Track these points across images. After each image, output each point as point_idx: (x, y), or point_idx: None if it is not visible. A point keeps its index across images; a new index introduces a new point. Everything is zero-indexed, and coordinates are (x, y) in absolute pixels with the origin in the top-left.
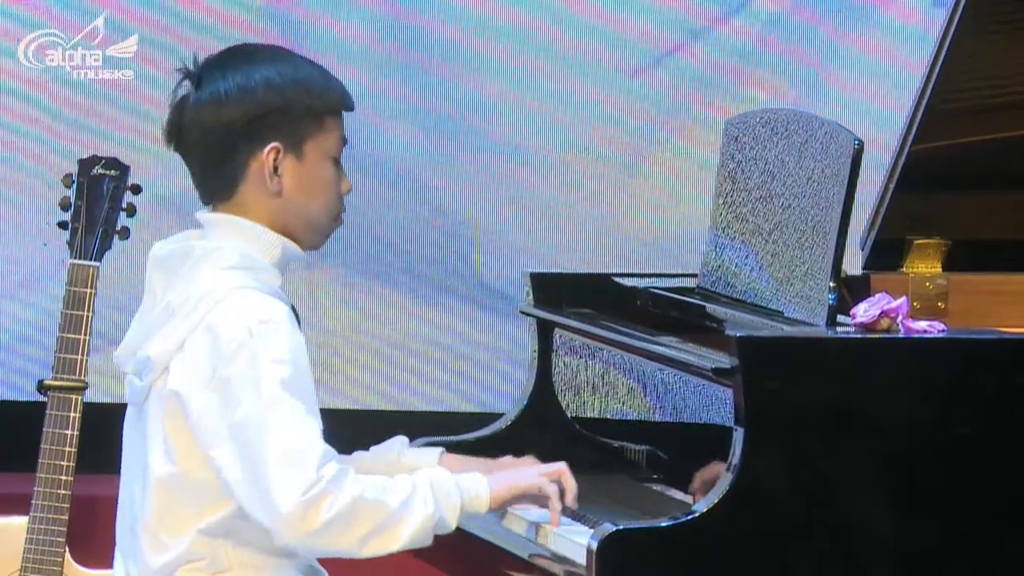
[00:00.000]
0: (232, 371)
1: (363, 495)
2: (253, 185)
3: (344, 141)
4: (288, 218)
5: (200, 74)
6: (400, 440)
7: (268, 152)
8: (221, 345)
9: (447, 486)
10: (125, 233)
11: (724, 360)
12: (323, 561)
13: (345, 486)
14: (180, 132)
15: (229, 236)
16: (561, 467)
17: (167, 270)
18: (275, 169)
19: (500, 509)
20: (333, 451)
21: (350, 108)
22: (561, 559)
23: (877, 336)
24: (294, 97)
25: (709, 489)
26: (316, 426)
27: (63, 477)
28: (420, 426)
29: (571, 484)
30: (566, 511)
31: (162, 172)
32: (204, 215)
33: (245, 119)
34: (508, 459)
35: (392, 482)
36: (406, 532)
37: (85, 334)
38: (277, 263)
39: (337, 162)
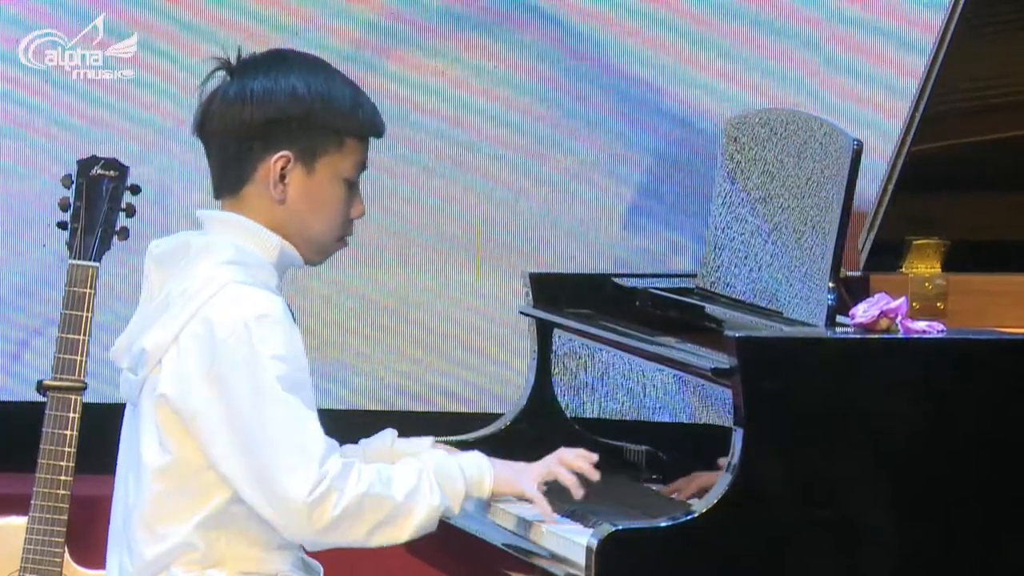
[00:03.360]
0: (229, 368)
1: (368, 491)
2: (259, 187)
3: (364, 166)
4: (288, 227)
5: (235, 69)
6: (390, 432)
7: (277, 159)
8: (216, 339)
9: (452, 472)
10: (124, 234)
11: (723, 360)
12: (318, 556)
13: (350, 482)
14: (205, 121)
15: (227, 232)
16: (557, 471)
17: (164, 265)
18: (282, 177)
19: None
20: (335, 444)
21: (379, 134)
22: (560, 559)
23: (876, 336)
24: (316, 111)
25: (698, 492)
26: (315, 422)
27: (62, 477)
28: (419, 427)
29: (572, 479)
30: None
31: (161, 173)
32: (204, 212)
33: (263, 122)
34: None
35: (397, 472)
36: (413, 523)
37: (84, 334)
38: (275, 263)
39: (352, 184)
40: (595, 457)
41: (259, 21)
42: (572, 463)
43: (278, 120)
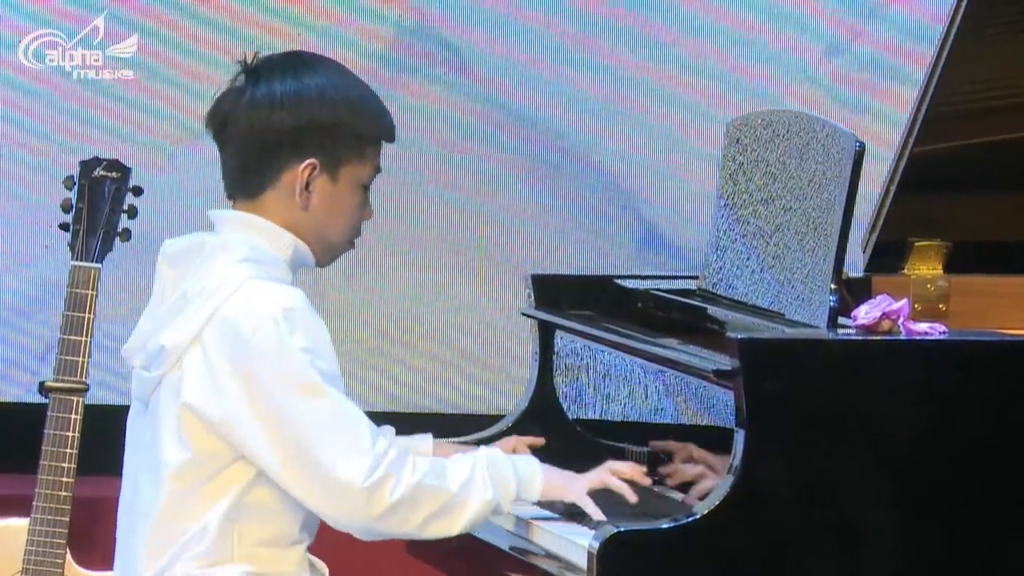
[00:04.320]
0: (261, 365)
1: (424, 479)
2: (280, 193)
3: (378, 170)
4: (305, 232)
5: (258, 71)
6: (387, 430)
7: (305, 167)
8: (242, 338)
9: (504, 469)
10: (126, 235)
11: (725, 362)
12: (322, 556)
13: (406, 470)
14: (225, 122)
15: (241, 231)
16: (608, 479)
17: (179, 265)
18: (307, 185)
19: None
20: (390, 429)
21: (392, 140)
22: (561, 561)
23: (878, 338)
24: (345, 118)
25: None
26: (357, 408)
27: (64, 479)
28: (421, 427)
29: (623, 485)
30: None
31: (164, 173)
32: (217, 212)
33: (294, 128)
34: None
35: (452, 464)
36: (466, 516)
37: (86, 336)
38: (289, 262)
39: (366, 189)
40: (644, 468)
41: (259, 22)
42: (622, 472)
43: (308, 127)
